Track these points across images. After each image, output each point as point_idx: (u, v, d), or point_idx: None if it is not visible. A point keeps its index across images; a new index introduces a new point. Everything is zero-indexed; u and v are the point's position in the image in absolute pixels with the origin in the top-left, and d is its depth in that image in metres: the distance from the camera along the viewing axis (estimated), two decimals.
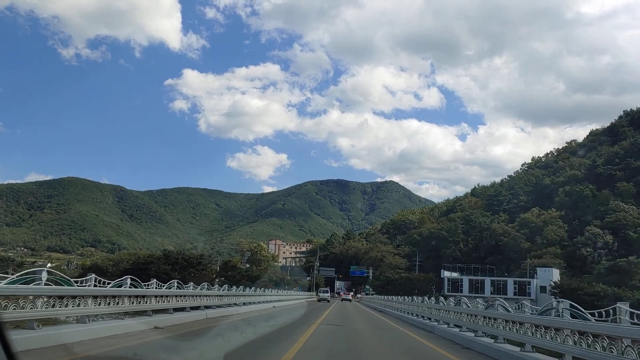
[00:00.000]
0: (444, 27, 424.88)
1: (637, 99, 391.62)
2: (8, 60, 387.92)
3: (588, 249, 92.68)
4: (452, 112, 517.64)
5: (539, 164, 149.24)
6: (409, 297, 31.66)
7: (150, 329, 12.28)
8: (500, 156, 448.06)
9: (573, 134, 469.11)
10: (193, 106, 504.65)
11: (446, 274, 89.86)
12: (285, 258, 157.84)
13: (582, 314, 8.12)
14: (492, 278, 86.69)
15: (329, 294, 69.17)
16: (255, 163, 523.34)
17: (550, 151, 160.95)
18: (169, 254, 77.15)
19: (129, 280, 12.57)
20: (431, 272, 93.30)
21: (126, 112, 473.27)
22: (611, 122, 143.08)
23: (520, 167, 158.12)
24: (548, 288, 74.87)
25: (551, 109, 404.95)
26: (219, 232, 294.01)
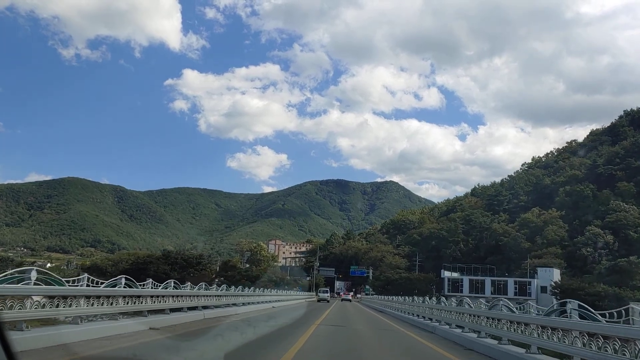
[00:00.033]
0: (443, 28, 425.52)
1: (637, 99, 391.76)
2: (8, 61, 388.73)
3: (589, 249, 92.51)
4: (452, 112, 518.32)
5: (540, 164, 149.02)
6: (409, 297, 31.38)
7: (145, 329, 12.00)
8: (500, 156, 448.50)
9: (573, 134, 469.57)
10: (193, 106, 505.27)
11: (446, 274, 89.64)
12: (285, 258, 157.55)
13: (592, 314, 7.83)
14: (493, 278, 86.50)
15: (329, 294, 68.86)
16: (255, 163, 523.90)
17: (551, 151, 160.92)
18: (168, 254, 76.78)
19: (123, 280, 12.28)
20: (431, 272, 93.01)
21: (126, 112, 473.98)
22: (612, 122, 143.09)
23: (521, 167, 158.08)
24: (549, 288, 74.74)
25: (551, 109, 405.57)
26: (219, 232, 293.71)
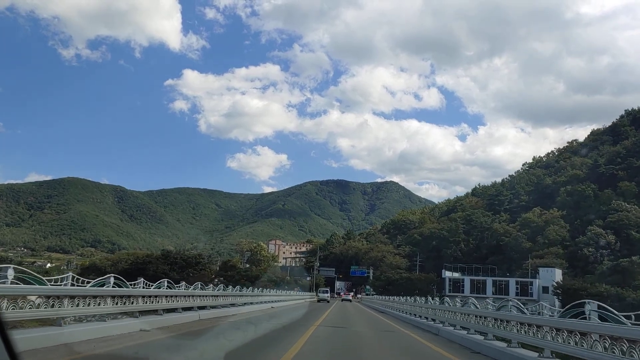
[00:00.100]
0: (443, 28, 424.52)
1: (638, 99, 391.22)
2: (8, 61, 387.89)
3: (590, 249, 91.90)
4: (452, 113, 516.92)
5: (540, 164, 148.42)
6: (411, 298, 30.86)
7: (135, 332, 11.42)
8: (501, 157, 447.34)
9: (573, 134, 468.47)
10: (193, 106, 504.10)
11: (447, 274, 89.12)
12: (285, 258, 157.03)
13: (615, 316, 7.23)
14: (494, 278, 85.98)
15: (329, 294, 68.36)
16: (255, 163, 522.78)
17: (552, 151, 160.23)
18: (167, 254, 76.44)
19: (112, 280, 11.66)
20: (432, 273, 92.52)
21: (126, 113, 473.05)
22: (613, 122, 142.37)
23: (522, 167, 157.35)
24: (550, 288, 74.19)
25: (551, 109, 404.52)
26: (219, 232, 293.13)
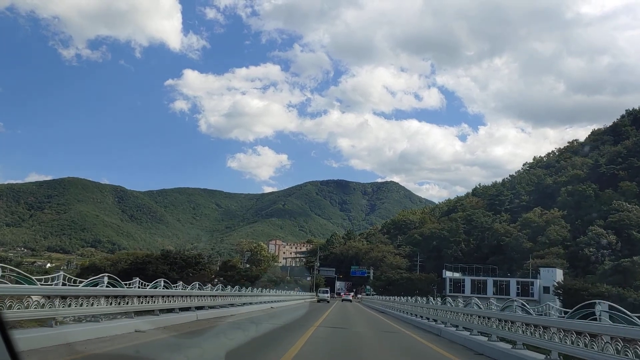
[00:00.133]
0: (444, 28, 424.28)
1: (638, 99, 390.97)
2: (8, 61, 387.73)
3: (591, 249, 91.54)
4: (453, 113, 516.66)
5: (541, 164, 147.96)
6: (412, 298, 30.59)
7: (130, 332, 11.12)
8: (501, 157, 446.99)
9: (573, 134, 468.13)
10: (193, 106, 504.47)
11: (448, 274, 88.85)
12: (285, 258, 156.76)
13: (629, 317, 6.94)
14: (495, 278, 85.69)
15: (329, 295, 68.09)
16: (256, 163, 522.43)
17: (552, 151, 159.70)
18: (167, 254, 76.06)
19: (106, 279, 11.34)
20: (432, 273, 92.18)
21: (126, 112, 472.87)
22: (613, 122, 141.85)
23: (522, 167, 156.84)
24: (551, 288, 73.86)
25: (551, 109, 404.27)
26: (219, 233, 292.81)
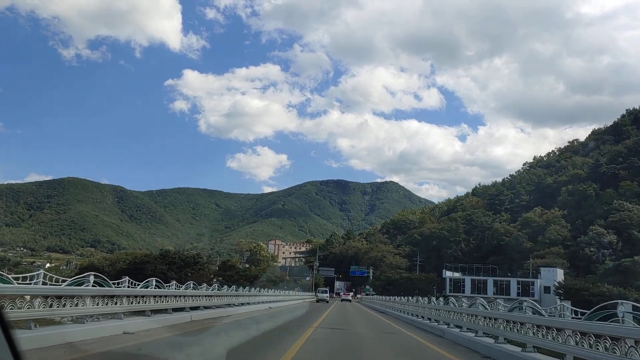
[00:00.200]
0: (444, 28, 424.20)
1: (638, 99, 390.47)
2: (8, 61, 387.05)
3: (592, 249, 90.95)
4: (452, 113, 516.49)
5: (541, 163, 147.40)
6: (413, 298, 30.06)
7: (117, 334, 10.55)
8: (501, 157, 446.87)
9: (573, 134, 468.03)
10: (193, 107, 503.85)
11: (448, 274, 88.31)
12: (284, 258, 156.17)
13: None
14: (495, 278, 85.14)
15: (328, 294, 67.60)
16: (255, 163, 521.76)
17: (552, 150, 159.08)
18: (166, 254, 75.47)
19: (92, 278, 10.75)
20: (432, 272, 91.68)
21: (126, 113, 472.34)
22: (614, 121, 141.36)
23: (522, 167, 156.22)
24: (552, 288, 73.31)
25: (551, 109, 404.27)
26: (219, 233, 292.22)
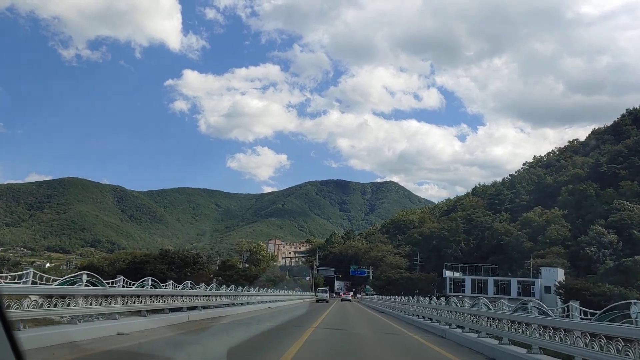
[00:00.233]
0: (443, 28, 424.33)
1: (637, 99, 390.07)
2: (8, 61, 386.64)
3: (592, 249, 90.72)
4: (452, 113, 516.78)
5: (541, 163, 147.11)
6: (413, 298, 29.80)
7: (111, 335, 10.27)
8: (500, 157, 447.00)
9: (573, 134, 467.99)
10: (193, 107, 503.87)
11: (448, 273, 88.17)
12: (284, 258, 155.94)
13: None
14: (495, 278, 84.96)
15: (328, 294, 67.35)
16: (255, 163, 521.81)
17: (552, 150, 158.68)
18: (165, 254, 75.31)
19: (84, 277, 10.47)
20: (432, 272, 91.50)
21: (126, 113, 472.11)
22: (614, 121, 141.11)
23: (522, 166, 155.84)
24: (553, 288, 73.12)
25: (551, 109, 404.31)
26: (219, 232, 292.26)
